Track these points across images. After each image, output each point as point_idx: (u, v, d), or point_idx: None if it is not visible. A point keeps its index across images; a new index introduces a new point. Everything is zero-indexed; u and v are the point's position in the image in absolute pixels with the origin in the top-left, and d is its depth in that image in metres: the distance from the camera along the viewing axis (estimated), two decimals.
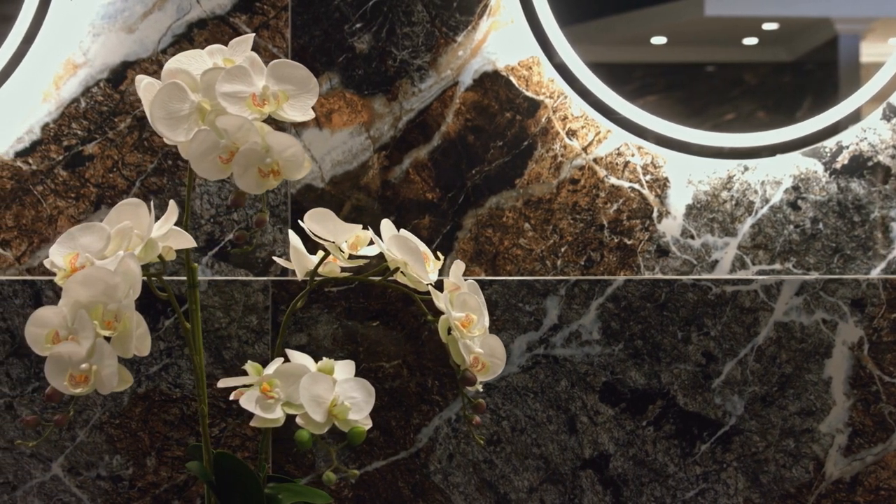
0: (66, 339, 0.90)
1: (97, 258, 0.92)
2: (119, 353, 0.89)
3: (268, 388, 0.95)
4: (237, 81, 0.93)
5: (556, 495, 1.32)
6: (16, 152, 1.34)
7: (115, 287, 0.89)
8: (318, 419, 0.94)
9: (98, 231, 0.94)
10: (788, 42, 1.37)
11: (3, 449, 1.32)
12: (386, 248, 0.99)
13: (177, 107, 0.94)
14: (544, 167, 1.34)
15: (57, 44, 1.34)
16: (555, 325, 1.32)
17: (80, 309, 0.89)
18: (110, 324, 0.89)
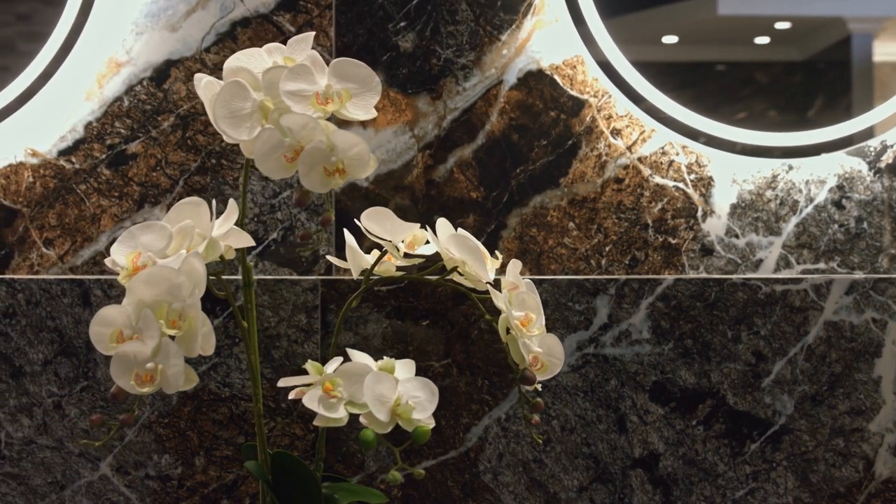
0: (130, 339, 0.89)
1: (159, 257, 0.92)
2: (184, 352, 0.89)
3: (330, 388, 0.95)
4: (300, 80, 0.93)
5: (605, 495, 1.31)
6: (59, 151, 1.34)
7: (180, 286, 0.89)
8: (383, 418, 0.93)
9: (159, 230, 0.94)
10: (800, 41, 1.37)
11: (51, 448, 1.32)
12: (444, 247, 0.99)
13: (239, 105, 0.94)
14: (589, 166, 1.34)
15: (100, 42, 1.34)
16: (605, 325, 1.31)
17: (144, 308, 0.89)
18: (175, 323, 0.88)
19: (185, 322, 0.89)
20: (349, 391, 0.96)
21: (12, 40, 1.37)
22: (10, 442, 1.32)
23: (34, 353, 1.32)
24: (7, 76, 1.33)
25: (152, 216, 1.33)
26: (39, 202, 1.34)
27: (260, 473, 1.00)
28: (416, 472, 0.93)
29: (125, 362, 0.89)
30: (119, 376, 0.90)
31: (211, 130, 1.33)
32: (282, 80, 0.92)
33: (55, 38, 1.32)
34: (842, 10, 1.37)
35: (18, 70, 1.33)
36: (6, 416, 1.32)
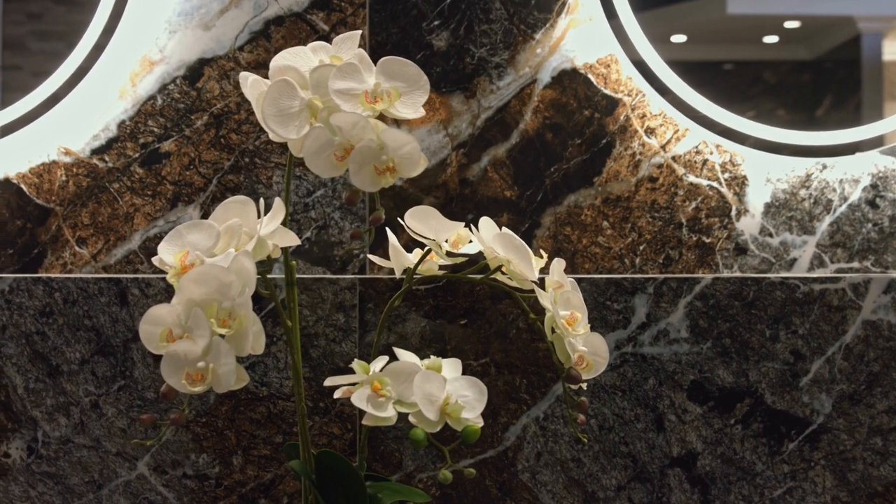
0: (179, 338, 0.89)
1: (206, 256, 0.92)
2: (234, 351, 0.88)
3: (379, 387, 0.95)
4: (348, 78, 0.92)
5: (643, 494, 1.31)
6: (92, 150, 1.34)
7: (230, 285, 0.89)
8: (432, 417, 0.93)
9: (207, 228, 0.94)
10: (809, 40, 1.37)
11: (88, 447, 1.31)
12: (489, 246, 0.98)
13: (287, 104, 0.94)
14: (623, 165, 1.34)
15: (133, 41, 1.34)
16: (643, 324, 1.31)
17: (194, 307, 0.88)
18: (225, 322, 0.88)
19: (236, 321, 0.89)
20: (397, 390, 0.95)
21: (24, 39, 1.36)
22: (47, 441, 1.31)
23: (71, 353, 1.31)
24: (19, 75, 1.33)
25: (185, 215, 1.33)
26: (72, 201, 1.34)
27: (304, 472, 1.00)
28: (466, 471, 0.93)
29: (176, 361, 0.89)
30: (170, 375, 0.89)
31: (245, 129, 1.33)
32: (330, 79, 0.92)
33: (88, 36, 1.32)
34: (851, 9, 1.37)
35: (30, 68, 1.33)
36: (43, 416, 1.32)
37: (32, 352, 1.32)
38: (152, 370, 1.31)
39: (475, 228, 0.99)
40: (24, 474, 1.32)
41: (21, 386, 1.32)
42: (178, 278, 0.91)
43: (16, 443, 1.32)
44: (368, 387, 0.95)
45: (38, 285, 1.32)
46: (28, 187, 1.34)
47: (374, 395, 0.95)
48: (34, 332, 1.32)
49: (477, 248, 1.00)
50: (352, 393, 0.97)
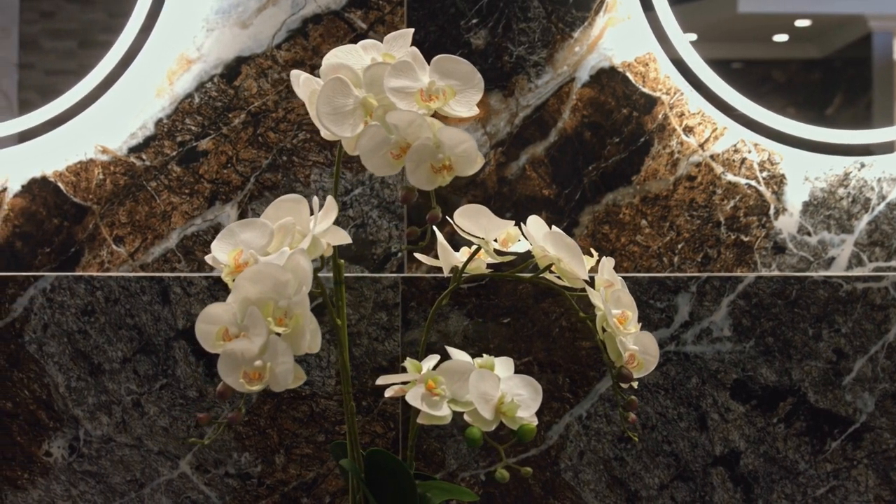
0: (236, 336, 0.89)
1: (260, 254, 0.92)
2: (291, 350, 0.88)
3: (433, 386, 0.94)
4: (403, 76, 0.92)
5: (686, 492, 1.31)
6: (129, 148, 1.34)
7: (286, 284, 0.88)
8: (488, 416, 0.93)
9: (260, 227, 0.94)
10: (820, 39, 1.36)
11: (130, 446, 1.31)
12: (539, 244, 0.98)
13: (341, 102, 0.93)
14: (661, 164, 1.33)
15: (171, 39, 1.33)
16: (686, 322, 1.31)
17: (249, 306, 0.88)
18: (282, 321, 0.88)
19: (292, 320, 0.88)
20: (451, 389, 0.95)
21: (36, 37, 1.36)
22: (88, 440, 1.31)
23: (113, 351, 1.31)
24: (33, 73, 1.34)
25: (223, 214, 1.32)
26: (110, 199, 1.33)
27: (355, 471, 1.00)
28: (523, 470, 0.93)
29: (233, 360, 0.89)
30: (227, 374, 0.89)
31: (282, 127, 1.32)
32: (386, 77, 0.92)
33: (126, 35, 1.32)
34: (862, 7, 1.36)
35: (43, 66, 1.33)
36: (85, 414, 1.31)
37: (74, 350, 1.31)
38: (194, 369, 1.31)
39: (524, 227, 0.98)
40: (66, 473, 1.32)
41: (63, 384, 1.31)
42: (233, 277, 0.91)
43: (57, 442, 1.31)
44: (422, 385, 0.95)
45: (79, 284, 1.31)
46: (65, 185, 1.34)
47: (429, 393, 0.95)
48: (76, 331, 1.31)
49: (526, 247, 1.00)
50: (404, 392, 0.97)
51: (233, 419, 0.90)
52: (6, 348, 1.31)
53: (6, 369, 1.31)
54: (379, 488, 1.00)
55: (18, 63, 1.36)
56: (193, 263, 1.32)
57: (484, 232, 1.01)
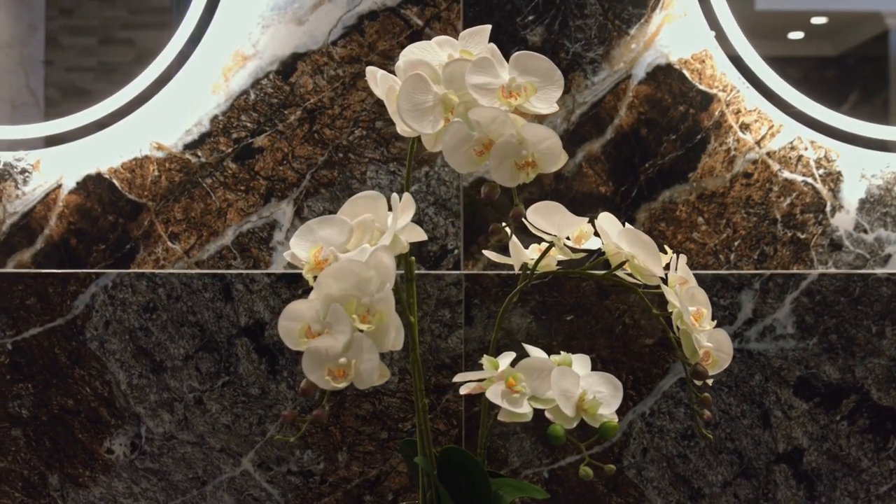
0: (318, 333, 0.88)
1: (339, 251, 0.91)
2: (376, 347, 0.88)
3: (513, 383, 0.94)
4: (483, 73, 0.92)
5: (749, 490, 1.31)
6: (184, 145, 1.33)
7: (368, 281, 0.88)
8: (569, 413, 0.93)
9: (339, 224, 0.93)
10: (835, 36, 1.36)
11: (192, 443, 1.31)
12: (614, 241, 0.98)
13: (421, 98, 0.93)
14: (717, 161, 1.33)
15: (227, 35, 1.33)
16: (749, 320, 1.31)
17: (332, 303, 0.88)
18: (365, 318, 0.87)
19: (375, 317, 0.88)
20: (531, 386, 0.95)
21: (56, 34, 1.36)
22: (150, 437, 1.31)
23: (175, 348, 1.31)
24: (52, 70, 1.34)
25: (279, 210, 1.32)
26: (165, 196, 1.33)
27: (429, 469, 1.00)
28: (607, 467, 0.93)
29: (317, 357, 0.88)
30: (311, 371, 0.89)
31: (338, 124, 1.32)
32: (467, 73, 0.91)
33: (182, 31, 1.32)
34: (880, 4, 1.36)
35: (62, 64, 1.33)
36: (147, 412, 1.31)
37: (136, 347, 1.31)
38: (256, 366, 1.31)
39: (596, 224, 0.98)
40: (128, 470, 1.31)
41: (124, 382, 1.31)
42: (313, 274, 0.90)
43: (119, 439, 1.31)
44: (502, 383, 0.95)
45: (141, 281, 1.31)
46: (120, 182, 1.33)
47: (509, 391, 0.94)
48: (137, 328, 1.31)
49: (598, 245, 1.00)
50: (482, 389, 0.97)
51: (317, 417, 0.89)
52: (67, 345, 1.31)
53: (68, 366, 1.31)
54: (452, 486, 1.00)
55: (44, 60, 1.36)
56: (249, 261, 1.32)
57: (557, 229, 1.00)
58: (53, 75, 1.34)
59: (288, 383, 1.30)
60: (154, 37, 1.34)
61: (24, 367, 1.32)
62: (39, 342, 1.31)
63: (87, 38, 1.35)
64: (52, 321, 1.31)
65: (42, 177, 1.34)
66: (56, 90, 1.34)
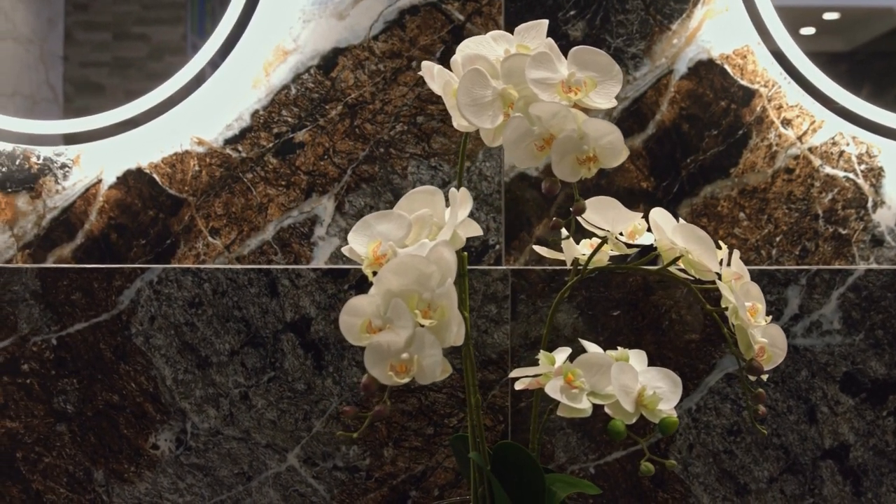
0: (380, 329, 0.88)
1: (398, 246, 0.91)
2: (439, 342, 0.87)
3: (572, 378, 0.94)
4: (542, 68, 0.91)
5: (795, 486, 1.31)
6: (225, 139, 1.33)
7: (429, 276, 0.88)
8: (629, 409, 0.93)
9: (397, 219, 0.93)
10: (846, 32, 1.35)
11: (238, 439, 1.31)
12: (669, 237, 0.98)
13: (480, 93, 0.93)
14: (759, 156, 1.33)
15: (267, 30, 1.33)
16: (795, 315, 1.30)
17: (392, 298, 0.88)
18: (427, 313, 0.87)
19: (437, 312, 0.88)
20: (590, 382, 0.95)
21: (70, 29, 1.36)
22: (196, 433, 1.31)
23: (220, 344, 1.31)
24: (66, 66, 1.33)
25: (320, 206, 1.32)
26: (205, 191, 1.33)
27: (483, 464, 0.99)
28: (668, 463, 0.93)
29: (379, 352, 0.88)
30: (373, 366, 0.89)
31: (379, 119, 1.32)
32: (527, 68, 0.91)
33: (223, 26, 1.31)
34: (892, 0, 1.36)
35: (77, 59, 1.33)
36: (192, 407, 1.31)
37: (181, 343, 1.31)
38: (302, 361, 1.30)
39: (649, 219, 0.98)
40: (173, 466, 1.31)
41: (170, 377, 1.31)
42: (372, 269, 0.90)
43: (164, 434, 1.31)
44: (561, 378, 0.95)
45: (186, 276, 1.31)
46: (161, 177, 1.33)
47: (568, 386, 0.94)
48: (183, 323, 1.31)
49: (651, 240, 1.00)
50: (539, 385, 0.97)
51: (380, 412, 0.89)
52: (113, 340, 1.31)
53: (113, 362, 1.31)
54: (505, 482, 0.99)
55: (63, 55, 1.35)
56: (290, 256, 1.32)
57: (611, 224, 1.00)
58: (69, 71, 1.34)
59: (334, 379, 1.30)
60: (168, 32, 1.33)
61: (69, 363, 1.31)
62: (84, 337, 1.31)
63: (101, 34, 1.34)
64: (97, 316, 1.31)
65: (82, 171, 1.33)
66: (70, 85, 1.34)
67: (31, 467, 1.32)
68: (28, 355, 1.32)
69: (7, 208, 1.33)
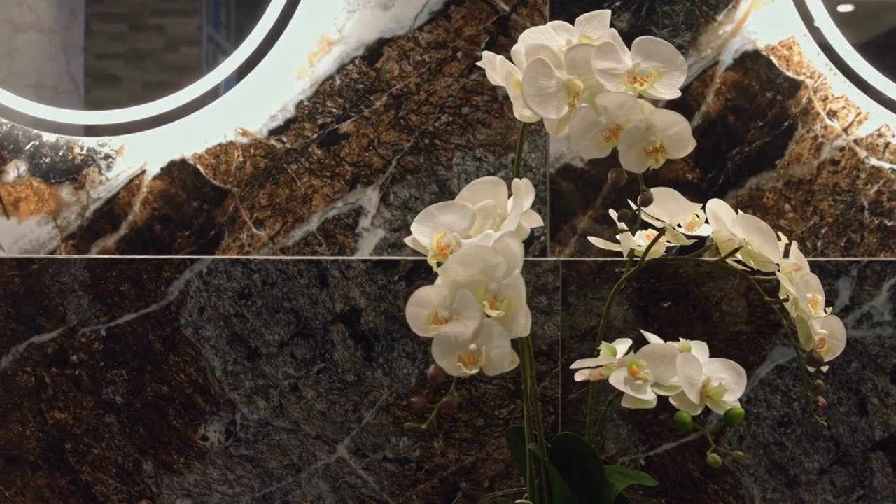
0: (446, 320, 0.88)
1: (462, 237, 0.91)
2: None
3: (636, 370, 0.94)
4: (608, 58, 0.91)
5: (846, 477, 1.31)
6: (269, 130, 1.33)
7: (496, 266, 0.88)
8: (694, 400, 0.93)
9: (460, 209, 0.93)
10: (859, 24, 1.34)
11: (287, 430, 1.31)
12: (729, 228, 0.97)
13: (544, 84, 0.93)
14: (805, 148, 1.32)
15: (312, 21, 1.32)
16: (846, 307, 1.30)
17: (459, 289, 0.87)
18: (494, 304, 0.87)
19: (504, 303, 0.88)
20: (654, 373, 0.95)
21: (89, 21, 1.35)
22: (245, 424, 1.31)
23: (270, 335, 1.31)
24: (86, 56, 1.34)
25: (364, 197, 1.32)
26: (250, 182, 1.33)
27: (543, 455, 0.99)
28: (734, 454, 0.92)
29: (447, 343, 0.88)
30: (440, 357, 0.88)
31: (424, 110, 1.32)
32: (593, 59, 0.91)
33: (268, 17, 1.31)
34: None
35: (93, 50, 1.33)
36: (242, 398, 1.31)
37: (231, 334, 1.31)
38: (352, 353, 1.30)
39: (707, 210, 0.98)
40: (223, 457, 1.31)
41: (219, 368, 1.31)
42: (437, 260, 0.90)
43: (214, 426, 1.31)
44: (624, 369, 0.95)
45: (236, 267, 1.31)
46: (205, 168, 1.33)
47: (632, 377, 0.94)
48: (233, 315, 1.31)
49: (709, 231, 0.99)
50: (602, 376, 0.96)
51: (448, 403, 0.89)
52: (162, 332, 1.31)
53: (162, 353, 1.31)
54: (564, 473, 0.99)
55: (84, 47, 1.35)
56: (335, 247, 1.31)
57: (670, 215, 1.00)
58: (86, 62, 1.34)
59: (384, 370, 1.30)
60: (184, 23, 1.33)
61: (119, 354, 1.31)
62: (133, 328, 1.31)
63: (117, 25, 1.34)
64: (146, 307, 1.31)
65: (126, 162, 1.33)
66: (87, 76, 1.33)
67: (80, 458, 1.32)
68: (77, 346, 1.31)
69: (51, 199, 1.33)
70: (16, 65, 1.34)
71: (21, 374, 1.32)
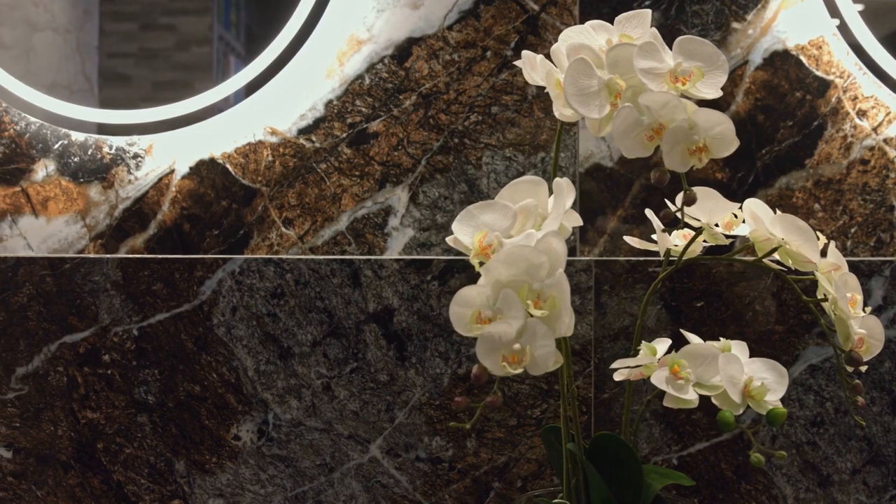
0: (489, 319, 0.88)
1: (504, 237, 0.91)
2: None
3: (678, 370, 0.94)
4: (650, 58, 0.91)
5: (878, 477, 1.30)
6: (299, 129, 1.33)
7: (539, 266, 0.88)
8: (737, 400, 0.92)
9: (501, 209, 0.93)
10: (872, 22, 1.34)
11: (320, 430, 1.31)
12: (767, 227, 0.97)
13: (586, 83, 0.93)
14: (834, 147, 1.32)
15: (342, 20, 1.32)
16: (879, 306, 1.30)
17: (502, 288, 0.87)
18: (537, 303, 0.87)
19: (547, 302, 0.88)
20: (695, 372, 0.95)
21: (101, 21, 1.35)
22: (278, 424, 1.31)
23: (303, 335, 1.31)
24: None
25: (394, 196, 1.32)
26: (279, 181, 1.33)
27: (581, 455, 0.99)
28: (777, 454, 0.92)
29: (491, 343, 0.88)
30: (485, 357, 0.88)
31: (454, 109, 1.32)
32: (635, 58, 0.91)
33: (297, 16, 1.31)
34: None
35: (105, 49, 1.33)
36: (274, 398, 1.31)
37: (263, 333, 1.31)
38: (385, 352, 1.30)
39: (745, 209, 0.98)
40: (255, 457, 1.31)
41: (252, 368, 1.31)
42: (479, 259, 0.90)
43: (246, 425, 1.31)
44: (666, 369, 0.95)
45: (268, 266, 1.31)
46: (234, 167, 1.33)
47: (674, 377, 0.94)
48: (265, 314, 1.31)
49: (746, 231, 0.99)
50: (642, 376, 0.97)
51: (492, 403, 0.89)
52: (194, 331, 1.31)
53: (194, 352, 1.31)
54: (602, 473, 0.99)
55: (98, 46, 1.35)
56: (364, 246, 1.31)
57: (708, 215, 1.00)
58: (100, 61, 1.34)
59: (416, 370, 1.30)
60: (195, 23, 1.33)
61: (151, 353, 1.31)
62: (166, 328, 1.31)
63: (128, 24, 1.34)
64: (178, 307, 1.31)
65: (154, 162, 1.33)
66: (99, 76, 1.34)
67: (111, 458, 1.32)
68: (109, 346, 1.31)
69: (79, 198, 1.33)
70: (32, 64, 1.34)
71: (53, 373, 1.32)
